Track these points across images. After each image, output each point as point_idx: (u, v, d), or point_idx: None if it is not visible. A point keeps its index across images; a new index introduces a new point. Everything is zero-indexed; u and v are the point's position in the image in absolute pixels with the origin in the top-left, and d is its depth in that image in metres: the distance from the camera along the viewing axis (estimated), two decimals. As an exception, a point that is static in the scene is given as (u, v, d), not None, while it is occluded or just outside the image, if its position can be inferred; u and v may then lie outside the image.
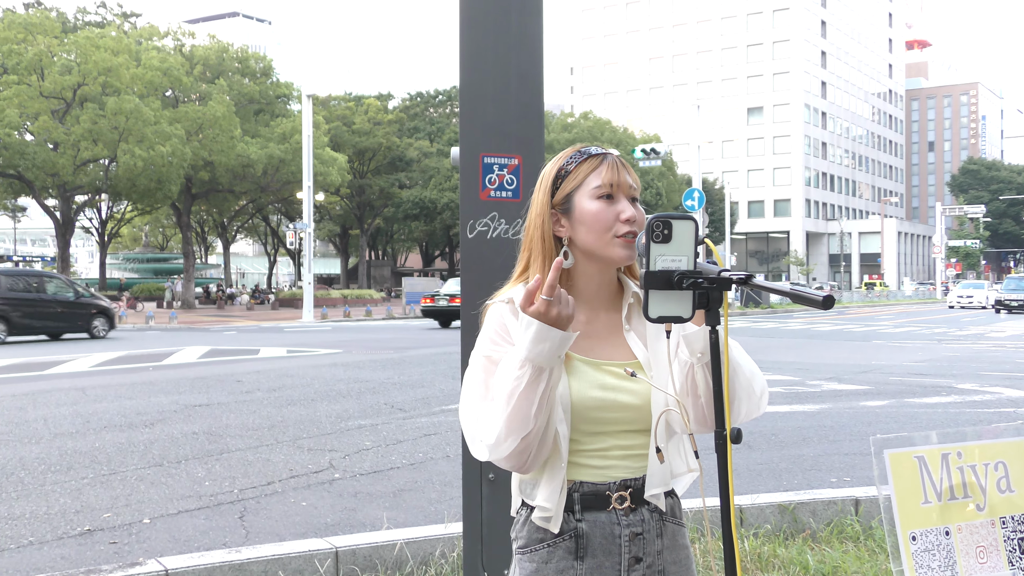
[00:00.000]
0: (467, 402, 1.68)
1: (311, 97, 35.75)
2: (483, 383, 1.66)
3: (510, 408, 1.55)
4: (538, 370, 1.53)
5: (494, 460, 1.62)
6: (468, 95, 3.30)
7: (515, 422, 1.56)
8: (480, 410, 1.64)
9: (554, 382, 1.57)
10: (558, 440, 1.65)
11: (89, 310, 24.39)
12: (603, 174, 1.70)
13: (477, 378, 1.68)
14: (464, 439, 2.42)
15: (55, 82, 35.47)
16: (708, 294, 1.53)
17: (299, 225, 36.65)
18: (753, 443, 8.02)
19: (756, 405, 1.69)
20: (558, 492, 1.67)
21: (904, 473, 1.77)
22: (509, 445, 1.58)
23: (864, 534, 4.85)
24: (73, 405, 10.34)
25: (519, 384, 1.54)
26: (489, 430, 1.59)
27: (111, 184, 38.01)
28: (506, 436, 1.57)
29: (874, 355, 17.76)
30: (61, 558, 4.82)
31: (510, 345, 1.66)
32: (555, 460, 1.66)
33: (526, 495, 1.72)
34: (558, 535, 1.67)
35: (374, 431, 8.76)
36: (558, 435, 1.64)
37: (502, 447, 1.58)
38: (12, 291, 23.00)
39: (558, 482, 1.67)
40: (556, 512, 1.67)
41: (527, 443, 1.58)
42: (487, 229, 3.30)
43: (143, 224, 63.71)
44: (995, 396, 11.19)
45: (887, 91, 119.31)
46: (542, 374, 1.54)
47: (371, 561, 4.21)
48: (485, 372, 1.67)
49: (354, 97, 60.83)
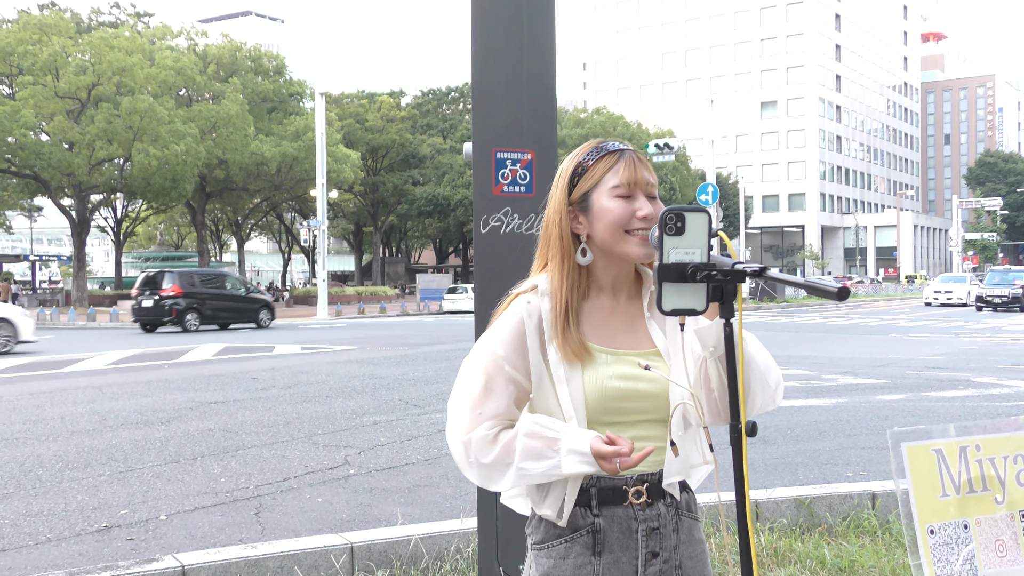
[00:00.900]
0: (462, 395, 1.70)
1: (324, 95, 35.83)
2: (484, 386, 1.67)
3: (520, 479, 1.64)
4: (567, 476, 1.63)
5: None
6: (480, 90, 3.29)
7: (520, 484, 1.66)
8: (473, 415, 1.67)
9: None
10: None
11: (257, 304, 28.24)
12: (621, 172, 1.70)
13: (478, 376, 1.69)
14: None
15: (70, 82, 35.68)
16: (722, 287, 1.52)
17: (313, 222, 36.75)
18: (769, 437, 7.99)
19: (771, 398, 1.69)
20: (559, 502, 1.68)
21: (922, 466, 1.75)
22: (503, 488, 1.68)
23: (881, 528, 4.82)
24: (90, 403, 10.40)
25: (543, 477, 1.63)
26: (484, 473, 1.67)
27: (126, 183, 38.25)
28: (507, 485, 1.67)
29: (890, 349, 17.66)
30: (79, 554, 4.84)
31: (519, 363, 1.68)
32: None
33: (534, 503, 1.74)
34: (575, 531, 1.67)
35: (389, 427, 8.77)
36: None
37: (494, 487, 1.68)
38: (203, 287, 26.71)
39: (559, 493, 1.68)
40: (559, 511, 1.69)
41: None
42: (500, 224, 3.29)
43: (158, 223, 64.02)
44: (1013, 390, 11.11)
45: (902, 84, 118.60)
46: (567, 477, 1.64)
47: (386, 556, 4.21)
48: (486, 373, 1.68)
49: (367, 94, 60.93)
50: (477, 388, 1.67)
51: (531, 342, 1.68)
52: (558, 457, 1.59)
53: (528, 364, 1.68)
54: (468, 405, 1.67)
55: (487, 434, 1.65)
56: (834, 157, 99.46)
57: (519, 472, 1.62)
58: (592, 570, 1.66)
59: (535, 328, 1.68)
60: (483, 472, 1.66)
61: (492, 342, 1.69)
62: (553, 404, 1.68)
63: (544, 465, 1.61)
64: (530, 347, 1.68)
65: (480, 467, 1.65)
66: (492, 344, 1.69)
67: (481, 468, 1.65)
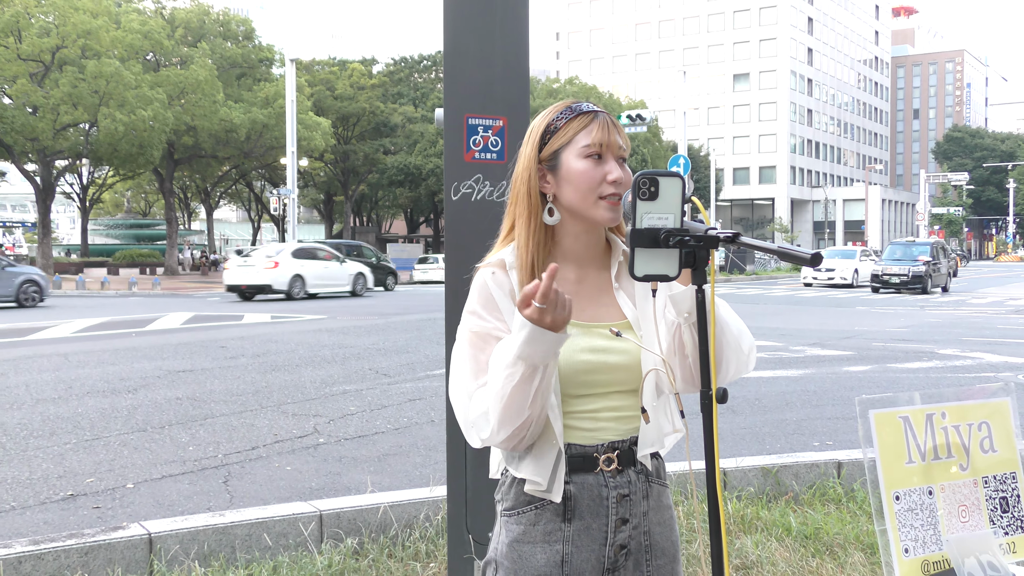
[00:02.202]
0: (457, 382, 1.66)
1: (294, 61, 35.38)
2: (472, 358, 1.63)
3: (503, 403, 1.54)
4: (532, 367, 1.51)
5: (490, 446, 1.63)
6: (452, 55, 3.25)
7: (509, 414, 1.55)
8: (470, 391, 1.62)
9: (548, 376, 1.55)
10: (549, 412, 1.62)
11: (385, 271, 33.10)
12: (593, 133, 1.67)
13: (464, 354, 1.65)
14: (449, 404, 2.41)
15: (33, 44, 34.91)
16: (695, 252, 1.50)
17: (283, 191, 36.38)
18: (737, 408, 8.07)
19: (744, 363, 1.69)
20: (551, 465, 1.65)
21: (889, 433, 1.76)
22: (503, 434, 1.57)
23: (846, 496, 4.90)
24: (55, 371, 10.28)
25: (511, 380, 1.52)
26: (482, 423, 1.59)
27: (92, 149, 37.58)
28: (499, 428, 1.57)
29: (857, 321, 17.87)
30: (44, 523, 4.80)
31: (496, 320, 1.64)
32: (546, 434, 1.65)
33: (511, 465, 1.70)
34: (545, 498, 1.66)
35: (359, 396, 8.75)
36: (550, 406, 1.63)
37: (496, 437, 1.58)
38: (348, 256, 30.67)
39: (550, 457, 1.65)
40: (549, 482, 1.65)
41: (522, 431, 1.58)
42: (471, 191, 3.26)
43: (125, 190, 63.16)
44: (976, 361, 11.29)
45: (873, 58, 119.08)
46: (536, 371, 1.52)
47: (355, 524, 4.21)
48: (472, 347, 1.64)
49: (338, 62, 60.18)
50: (467, 370, 1.64)
51: (504, 306, 1.66)
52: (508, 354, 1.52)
53: (507, 326, 1.64)
54: (464, 391, 1.64)
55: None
56: (805, 130, 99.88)
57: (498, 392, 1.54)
58: (562, 536, 1.66)
59: (505, 296, 1.67)
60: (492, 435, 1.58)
61: (468, 322, 1.67)
62: None
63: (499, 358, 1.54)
64: (503, 311, 1.66)
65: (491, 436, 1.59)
66: (469, 323, 1.67)
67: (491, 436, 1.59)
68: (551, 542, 1.66)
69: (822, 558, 3.90)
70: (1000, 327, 16.63)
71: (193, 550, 3.87)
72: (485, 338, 1.64)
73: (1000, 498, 1.86)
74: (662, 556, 1.74)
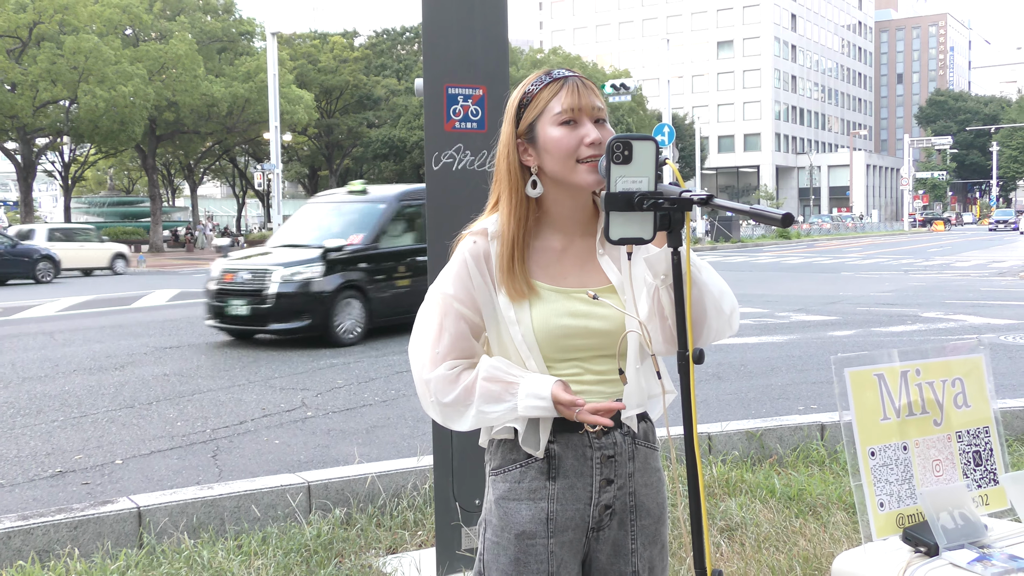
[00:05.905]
0: (418, 341, 1.73)
1: (275, 34, 34.99)
2: (438, 324, 1.70)
3: (481, 420, 1.67)
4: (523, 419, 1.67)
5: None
6: (431, 24, 3.23)
7: (478, 423, 1.69)
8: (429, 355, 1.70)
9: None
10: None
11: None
12: (563, 98, 1.67)
13: (432, 317, 1.71)
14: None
15: (9, 20, 34.43)
16: (669, 215, 1.52)
17: (267, 166, 36.13)
18: (722, 374, 8.13)
19: (726, 323, 1.70)
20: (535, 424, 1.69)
21: (864, 390, 1.79)
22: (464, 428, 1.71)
23: (829, 458, 4.96)
24: (41, 349, 10.26)
25: (500, 419, 1.66)
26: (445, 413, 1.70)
27: (73, 126, 37.19)
28: (466, 426, 1.70)
29: (842, 287, 17.96)
30: (33, 499, 4.82)
31: (464, 293, 1.69)
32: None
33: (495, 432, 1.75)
34: (530, 456, 1.69)
35: (346, 369, 8.77)
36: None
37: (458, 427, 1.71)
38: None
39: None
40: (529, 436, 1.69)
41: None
42: (452, 161, 3.27)
43: (107, 167, 62.51)
44: (959, 324, 11.38)
45: (856, 23, 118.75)
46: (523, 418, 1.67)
47: (343, 495, 4.24)
48: (441, 312, 1.70)
49: (319, 35, 59.60)
50: (433, 328, 1.70)
51: (475, 281, 1.69)
52: (515, 400, 1.62)
53: (476, 302, 1.69)
54: (427, 345, 1.70)
55: (447, 374, 1.67)
56: (789, 97, 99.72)
57: (479, 414, 1.66)
58: (547, 494, 1.69)
59: (477, 269, 1.69)
60: (443, 411, 1.69)
61: (442, 283, 1.71)
62: (509, 345, 1.69)
63: (502, 408, 1.64)
64: (475, 285, 1.69)
65: (441, 406, 1.69)
66: (443, 285, 1.71)
67: (442, 407, 1.68)
68: (536, 499, 1.69)
69: (805, 518, 3.96)
70: (983, 289, 16.75)
71: (182, 523, 3.89)
72: (452, 309, 1.70)
73: (973, 452, 1.90)
74: (647, 517, 1.76)
